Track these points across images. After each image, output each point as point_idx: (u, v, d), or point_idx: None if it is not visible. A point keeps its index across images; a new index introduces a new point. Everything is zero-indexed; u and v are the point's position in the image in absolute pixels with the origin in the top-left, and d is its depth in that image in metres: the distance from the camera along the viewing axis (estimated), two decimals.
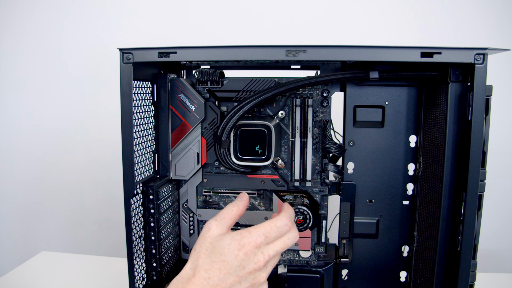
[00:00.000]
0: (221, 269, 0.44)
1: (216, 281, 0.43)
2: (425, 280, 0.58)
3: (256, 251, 0.44)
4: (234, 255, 0.44)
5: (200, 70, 0.61)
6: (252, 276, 0.45)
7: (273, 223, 0.46)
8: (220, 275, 0.43)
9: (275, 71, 0.67)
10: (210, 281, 0.43)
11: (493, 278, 0.87)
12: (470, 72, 0.49)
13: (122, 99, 0.53)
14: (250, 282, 0.45)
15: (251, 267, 0.44)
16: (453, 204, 0.53)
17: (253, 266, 0.44)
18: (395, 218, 0.63)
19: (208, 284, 0.43)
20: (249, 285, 0.45)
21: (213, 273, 0.43)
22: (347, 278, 0.66)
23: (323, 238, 0.65)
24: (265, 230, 0.45)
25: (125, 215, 0.55)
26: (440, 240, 0.54)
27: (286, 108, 0.62)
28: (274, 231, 0.46)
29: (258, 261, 0.44)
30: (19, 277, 0.88)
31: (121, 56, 0.53)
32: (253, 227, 0.46)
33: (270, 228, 0.46)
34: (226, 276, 0.43)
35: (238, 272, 0.44)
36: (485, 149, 0.50)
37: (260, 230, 0.45)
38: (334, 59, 0.51)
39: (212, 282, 0.43)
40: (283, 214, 0.48)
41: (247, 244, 0.44)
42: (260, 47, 0.51)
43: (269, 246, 0.46)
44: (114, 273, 0.88)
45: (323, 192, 0.64)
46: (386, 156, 0.62)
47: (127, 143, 0.54)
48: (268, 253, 0.45)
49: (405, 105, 0.61)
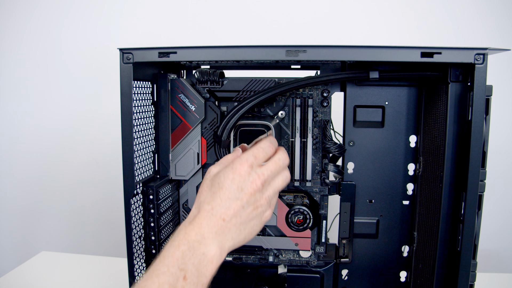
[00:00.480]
0: (221, 197, 0.44)
1: (219, 210, 0.43)
2: (425, 280, 0.58)
3: (250, 171, 0.45)
4: (230, 179, 0.44)
5: (200, 70, 0.61)
6: (253, 198, 0.45)
7: (258, 145, 0.48)
8: (222, 203, 0.43)
9: (275, 71, 0.67)
10: (214, 211, 0.43)
11: (493, 278, 0.87)
12: (470, 72, 0.49)
13: (122, 99, 0.53)
14: (253, 205, 0.45)
15: (249, 187, 0.44)
16: (453, 204, 0.53)
17: (251, 186, 0.44)
18: (395, 218, 0.63)
19: (213, 215, 0.43)
20: (253, 208, 0.45)
21: (215, 203, 0.44)
22: (347, 278, 0.66)
23: (323, 238, 0.65)
24: (252, 152, 0.47)
25: (125, 215, 0.55)
26: (440, 240, 0.54)
27: (286, 108, 0.62)
28: (261, 151, 0.47)
29: (254, 180, 0.45)
30: (19, 277, 0.88)
31: (121, 56, 0.53)
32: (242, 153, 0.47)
33: (256, 149, 0.47)
34: (228, 202, 0.44)
35: (237, 195, 0.44)
36: (485, 149, 0.50)
37: (248, 153, 0.47)
38: (334, 59, 0.51)
39: (215, 212, 0.43)
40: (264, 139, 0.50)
41: (239, 166, 0.45)
42: (260, 47, 0.51)
43: (261, 167, 0.47)
44: (114, 273, 0.88)
45: (323, 192, 0.64)
46: (386, 156, 0.62)
47: (127, 143, 0.54)
48: (262, 172, 0.46)
49: (405, 105, 0.61)
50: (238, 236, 0.45)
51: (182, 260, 0.39)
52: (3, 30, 1.17)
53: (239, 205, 0.44)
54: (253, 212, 0.45)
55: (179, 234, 0.42)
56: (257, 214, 0.46)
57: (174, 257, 0.40)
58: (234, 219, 0.44)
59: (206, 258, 0.41)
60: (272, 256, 0.67)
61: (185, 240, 0.41)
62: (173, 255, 0.40)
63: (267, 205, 0.47)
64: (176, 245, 0.41)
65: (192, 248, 0.41)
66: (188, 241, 0.41)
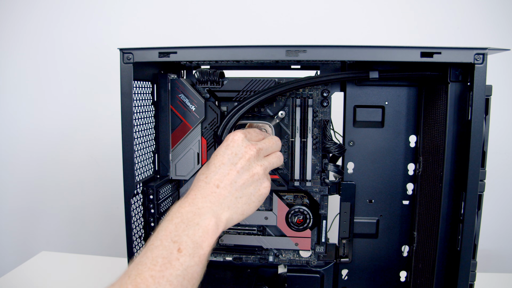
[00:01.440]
0: (215, 163, 0.43)
1: (213, 176, 0.42)
2: (425, 280, 0.58)
3: (243, 138, 0.45)
4: (224, 147, 0.45)
5: (200, 70, 0.61)
6: (248, 164, 0.44)
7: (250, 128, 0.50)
8: (216, 169, 0.43)
9: (275, 71, 0.67)
10: (208, 179, 0.42)
11: (493, 278, 0.87)
12: (470, 72, 0.49)
13: (122, 99, 0.54)
14: (248, 172, 0.44)
15: (244, 152, 0.44)
16: (453, 204, 0.53)
17: (246, 151, 0.44)
18: (395, 218, 0.63)
19: (207, 183, 0.42)
20: (249, 176, 0.44)
21: (209, 171, 0.43)
22: (347, 278, 0.66)
23: (323, 238, 0.65)
24: (244, 131, 0.48)
25: (125, 215, 0.55)
26: (440, 240, 0.54)
27: (286, 108, 0.62)
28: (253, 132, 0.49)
29: (248, 146, 0.45)
30: (19, 277, 0.88)
31: (121, 56, 0.53)
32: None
33: (247, 130, 0.49)
34: (222, 168, 0.43)
35: (232, 159, 0.43)
36: (485, 149, 0.50)
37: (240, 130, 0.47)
38: (334, 59, 0.51)
39: (209, 179, 0.42)
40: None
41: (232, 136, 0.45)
42: (260, 47, 0.51)
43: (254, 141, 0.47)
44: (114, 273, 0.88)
45: (323, 192, 0.64)
46: (386, 156, 0.62)
47: (127, 143, 0.54)
48: (256, 143, 0.46)
49: (405, 105, 0.61)
50: (234, 204, 0.43)
51: (175, 233, 0.38)
52: (3, 30, 1.17)
53: (234, 170, 0.43)
54: (250, 179, 0.44)
55: (172, 209, 0.41)
56: (253, 181, 0.45)
57: (167, 230, 0.38)
58: (229, 186, 0.42)
59: (201, 228, 0.39)
60: (272, 256, 0.67)
61: (178, 213, 0.40)
62: (166, 228, 0.39)
63: (264, 175, 0.46)
64: (170, 219, 0.40)
65: (185, 220, 0.39)
66: (182, 213, 0.40)
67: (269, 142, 0.48)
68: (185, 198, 0.42)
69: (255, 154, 0.45)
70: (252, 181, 0.44)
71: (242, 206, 0.44)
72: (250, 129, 0.50)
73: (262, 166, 0.46)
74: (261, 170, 0.45)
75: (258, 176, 0.45)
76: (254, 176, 0.44)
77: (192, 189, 0.43)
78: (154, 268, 0.36)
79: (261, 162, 0.46)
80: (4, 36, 1.17)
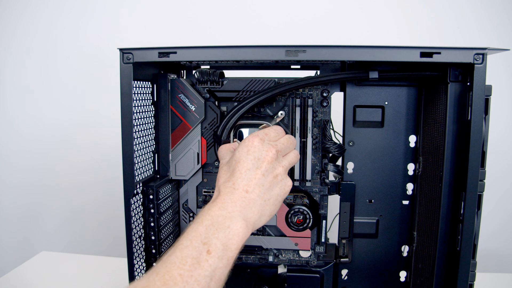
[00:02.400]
0: (241, 170, 0.44)
1: (241, 182, 0.43)
2: (425, 280, 0.58)
3: (263, 143, 0.46)
4: (246, 152, 0.45)
5: (200, 70, 0.61)
6: (271, 166, 0.45)
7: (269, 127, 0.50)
8: (242, 175, 0.44)
9: (275, 71, 0.67)
10: (235, 185, 0.43)
11: (493, 278, 0.87)
12: (469, 72, 0.49)
13: (122, 99, 0.54)
14: (272, 173, 0.45)
15: (265, 155, 0.45)
16: (452, 204, 0.53)
17: (267, 154, 0.45)
18: (395, 218, 0.63)
19: (235, 189, 0.43)
20: (273, 177, 0.45)
21: (236, 177, 0.44)
22: (347, 278, 0.66)
23: (323, 238, 0.65)
24: (263, 131, 0.48)
25: (125, 215, 0.55)
26: (440, 240, 0.54)
27: (286, 108, 0.62)
28: (272, 130, 0.49)
29: (268, 149, 0.46)
30: (19, 277, 0.88)
31: (121, 56, 0.53)
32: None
33: (267, 129, 0.49)
34: (248, 173, 0.44)
35: (256, 164, 0.44)
36: (484, 149, 0.50)
37: (259, 131, 0.48)
38: (334, 59, 0.51)
39: (237, 185, 0.43)
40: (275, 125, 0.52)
41: (251, 139, 0.46)
42: (260, 47, 0.51)
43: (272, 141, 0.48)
44: (114, 273, 0.88)
45: (323, 192, 0.64)
46: (386, 156, 0.62)
47: (127, 143, 0.54)
48: (275, 144, 0.47)
49: (405, 105, 0.61)
50: (263, 207, 0.44)
51: (205, 234, 0.39)
52: (3, 30, 1.17)
53: (260, 173, 0.44)
54: (274, 180, 0.45)
55: (202, 212, 0.42)
56: (277, 182, 0.46)
57: (197, 231, 0.39)
58: (258, 189, 0.43)
59: (232, 231, 0.40)
60: (272, 256, 0.67)
61: (208, 216, 0.40)
62: (196, 230, 0.39)
63: (285, 174, 0.47)
64: (200, 221, 0.40)
65: (216, 223, 0.40)
66: (212, 216, 0.40)
67: (286, 142, 0.49)
68: (213, 203, 0.43)
69: (276, 156, 0.46)
70: (277, 182, 0.46)
71: (270, 207, 0.45)
72: (269, 128, 0.49)
73: (284, 166, 0.47)
74: (282, 170, 0.47)
75: (281, 176, 0.46)
76: (277, 177, 0.46)
77: (220, 195, 0.43)
78: (183, 267, 0.36)
79: (282, 163, 0.47)
80: (4, 36, 1.17)
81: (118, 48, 0.53)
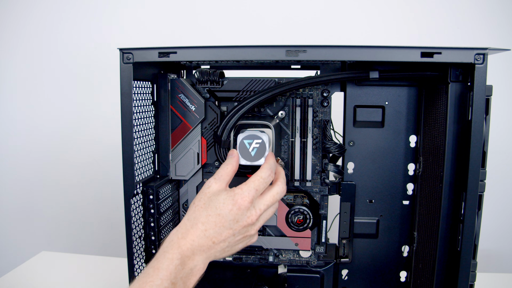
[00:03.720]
0: (216, 223, 0.46)
1: (212, 233, 0.46)
2: (425, 280, 0.58)
3: (249, 206, 0.47)
4: (229, 210, 0.47)
5: (200, 70, 0.61)
6: (245, 229, 0.48)
7: (259, 175, 0.50)
8: (216, 228, 0.46)
9: (275, 71, 0.67)
10: (207, 233, 0.46)
11: (493, 278, 0.87)
12: (470, 72, 0.49)
13: (122, 99, 0.53)
14: (243, 234, 0.48)
15: (244, 221, 0.47)
16: (453, 204, 0.53)
17: (246, 220, 0.47)
18: (395, 218, 0.63)
19: (205, 236, 0.46)
20: (242, 237, 0.49)
21: (209, 226, 0.46)
22: (347, 278, 0.66)
23: (323, 238, 0.65)
24: (255, 185, 0.49)
25: (125, 215, 0.55)
26: (440, 240, 0.54)
27: (286, 108, 0.62)
28: (262, 183, 0.49)
29: (251, 215, 0.48)
30: (19, 277, 0.88)
31: (121, 56, 0.53)
32: (243, 184, 0.49)
33: (258, 181, 0.49)
34: (221, 229, 0.46)
35: (232, 225, 0.47)
36: (485, 149, 0.50)
37: (251, 186, 0.48)
38: (334, 59, 0.51)
39: (208, 234, 0.46)
40: (265, 165, 0.51)
41: (240, 199, 0.47)
42: (260, 47, 0.51)
43: (260, 200, 0.49)
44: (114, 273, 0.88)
45: (323, 192, 0.64)
46: (386, 156, 0.62)
47: (127, 143, 0.54)
48: (260, 208, 0.49)
49: (405, 105, 0.61)
50: (221, 254, 0.48)
51: (174, 274, 0.43)
52: (3, 30, 1.17)
53: (231, 233, 0.47)
54: (242, 239, 0.49)
55: (172, 247, 0.45)
56: (244, 239, 0.49)
57: (168, 270, 0.43)
58: (223, 243, 0.47)
59: (192, 272, 0.45)
60: (272, 256, 0.67)
61: (179, 255, 0.44)
62: (167, 268, 0.43)
63: (255, 234, 0.51)
64: (170, 258, 0.44)
65: (183, 263, 0.44)
66: (182, 255, 0.44)
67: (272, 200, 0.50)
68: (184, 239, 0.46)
69: (255, 221, 0.48)
70: (243, 240, 0.49)
71: (225, 255, 0.49)
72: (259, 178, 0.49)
73: (257, 229, 0.50)
74: (254, 232, 0.50)
75: (250, 236, 0.50)
76: (246, 237, 0.49)
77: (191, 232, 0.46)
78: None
79: (257, 226, 0.50)
80: (4, 36, 1.17)
81: (118, 48, 0.53)
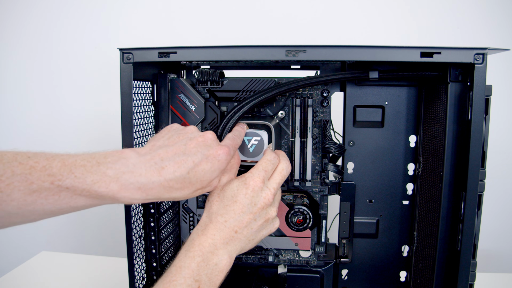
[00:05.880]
0: (235, 210, 0.46)
1: (232, 222, 0.46)
2: (425, 280, 0.58)
3: (262, 186, 0.48)
4: (244, 194, 0.47)
5: (200, 70, 0.61)
6: (265, 212, 0.48)
7: (265, 158, 0.51)
8: (235, 216, 0.46)
9: (275, 71, 0.67)
10: (227, 224, 0.46)
11: (493, 278, 0.87)
12: (469, 72, 0.49)
13: (122, 99, 0.54)
14: (264, 217, 0.48)
15: (262, 202, 0.47)
16: (453, 204, 0.53)
17: (263, 201, 0.47)
18: (395, 218, 0.63)
19: (226, 227, 0.46)
20: (263, 221, 0.48)
21: (229, 216, 0.46)
22: (347, 278, 0.66)
23: (323, 238, 0.65)
24: (262, 166, 0.49)
25: (125, 215, 0.55)
26: (440, 240, 0.54)
27: (286, 108, 0.62)
28: (269, 164, 0.50)
29: (266, 195, 0.48)
30: (19, 277, 0.88)
31: (121, 56, 0.53)
32: (252, 168, 0.49)
33: (265, 163, 0.50)
34: (241, 216, 0.46)
35: (251, 209, 0.46)
36: (484, 149, 0.50)
37: (259, 168, 0.49)
38: (334, 59, 0.51)
39: (229, 224, 0.46)
40: (267, 151, 0.53)
41: (252, 181, 0.48)
42: (260, 47, 0.51)
43: (270, 180, 0.50)
44: (114, 273, 0.88)
45: (323, 192, 0.64)
46: (386, 156, 0.62)
47: (127, 143, 0.54)
48: (273, 187, 0.49)
49: (405, 105, 0.61)
50: (246, 244, 0.48)
51: (197, 272, 0.42)
52: (3, 30, 1.17)
53: (252, 218, 0.47)
54: (264, 224, 0.48)
55: (193, 244, 0.45)
56: (267, 225, 0.49)
57: (190, 268, 0.42)
58: (246, 231, 0.46)
59: (218, 268, 0.44)
60: (272, 256, 0.67)
61: (200, 252, 0.44)
62: (189, 266, 0.42)
63: (276, 216, 0.50)
64: (192, 256, 0.43)
65: (206, 259, 0.43)
66: (203, 252, 0.44)
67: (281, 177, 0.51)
68: (204, 235, 0.45)
69: (272, 201, 0.48)
70: (266, 225, 0.49)
71: (252, 244, 0.49)
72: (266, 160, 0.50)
73: (276, 210, 0.50)
74: (274, 213, 0.49)
75: (271, 219, 0.49)
76: (268, 221, 0.49)
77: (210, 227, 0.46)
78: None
79: (274, 207, 0.50)
80: (4, 36, 1.17)
81: (118, 48, 0.53)
